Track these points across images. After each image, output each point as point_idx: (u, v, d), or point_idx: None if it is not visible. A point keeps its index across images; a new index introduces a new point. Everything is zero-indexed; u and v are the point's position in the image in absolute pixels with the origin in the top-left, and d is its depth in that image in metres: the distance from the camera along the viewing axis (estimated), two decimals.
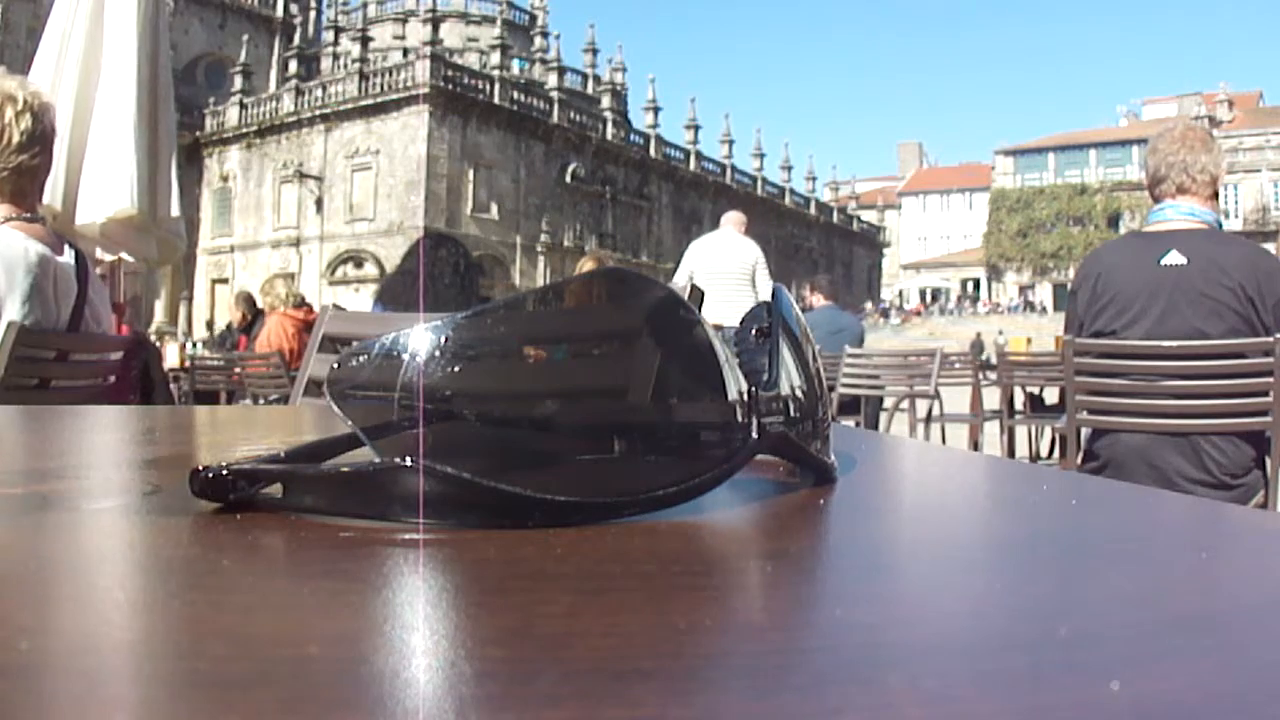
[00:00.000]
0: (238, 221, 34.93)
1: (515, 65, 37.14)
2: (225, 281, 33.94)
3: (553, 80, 37.33)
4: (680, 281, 5.45)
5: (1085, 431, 2.37)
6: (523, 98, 34.79)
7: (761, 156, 47.06)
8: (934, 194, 67.63)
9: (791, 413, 0.35)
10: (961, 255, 61.58)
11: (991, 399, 5.08)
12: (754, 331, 0.38)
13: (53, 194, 2.82)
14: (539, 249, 33.98)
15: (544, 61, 38.14)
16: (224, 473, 0.31)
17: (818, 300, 6.19)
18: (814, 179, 53.17)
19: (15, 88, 1.93)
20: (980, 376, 5.28)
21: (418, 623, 0.21)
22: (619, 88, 40.24)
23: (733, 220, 5.89)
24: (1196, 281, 2.18)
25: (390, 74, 32.54)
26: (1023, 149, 58.21)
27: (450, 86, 31.95)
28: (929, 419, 4.98)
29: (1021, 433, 5.35)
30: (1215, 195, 2.32)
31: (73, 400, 2.05)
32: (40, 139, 1.96)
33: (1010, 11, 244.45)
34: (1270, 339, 2.08)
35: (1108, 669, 0.18)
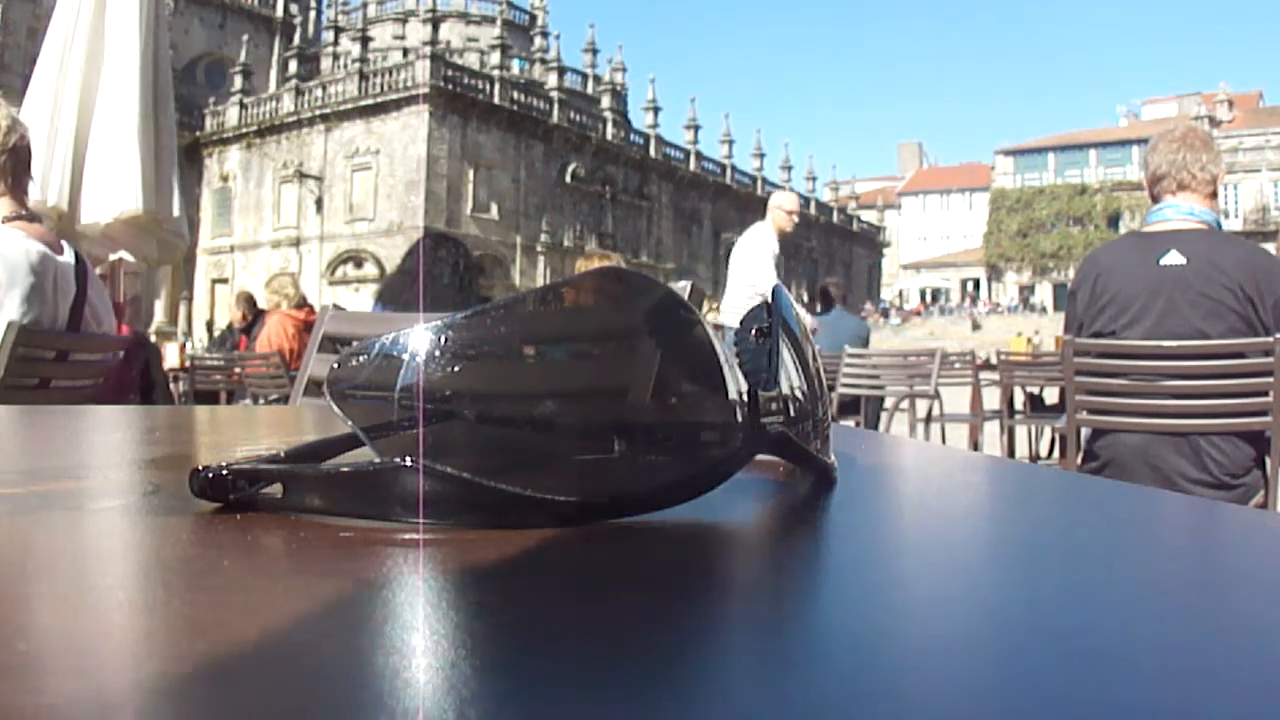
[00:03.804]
0: (238, 221, 34.90)
1: (515, 65, 37.11)
2: (225, 281, 33.91)
3: (553, 80, 37.31)
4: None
5: (1085, 431, 2.37)
6: (523, 98, 34.76)
7: (761, 156, 47.01)
8: (934, 194, 67.61)
9: (791, 413, 0.35)
10: (961, 255, 61.56)
11: (991, 399, 5.08)
12: (754, 331, 0.38)
13: (58, 194, 2.82)
14: (539, 249, 33.96)
15: (544, 61, 38.11)
16: (224, 473, 0.31)
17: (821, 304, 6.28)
18: (814, 179, 53.13)
19: None
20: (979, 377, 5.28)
21: (418, 623, 0.21)
22: (619, 88, 40.20)
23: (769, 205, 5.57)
24: (1196, 281, 2.18)
25: (390, 74, 32.51)
26: (1023, 149, 58.19)
27: (450, 86, 31.93)
28: (929, 419, 4.98)
29: (1021, 433, 5.35)
30: (1215, 195, 2.32)
31: (73, 400, 2.05)
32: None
33: (1010, 11, 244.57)
34: (1270, 339, 2.08)
35: (1108, 669, 0.18)
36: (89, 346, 2.15)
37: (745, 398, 0.33)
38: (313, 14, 39.69)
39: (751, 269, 5.25)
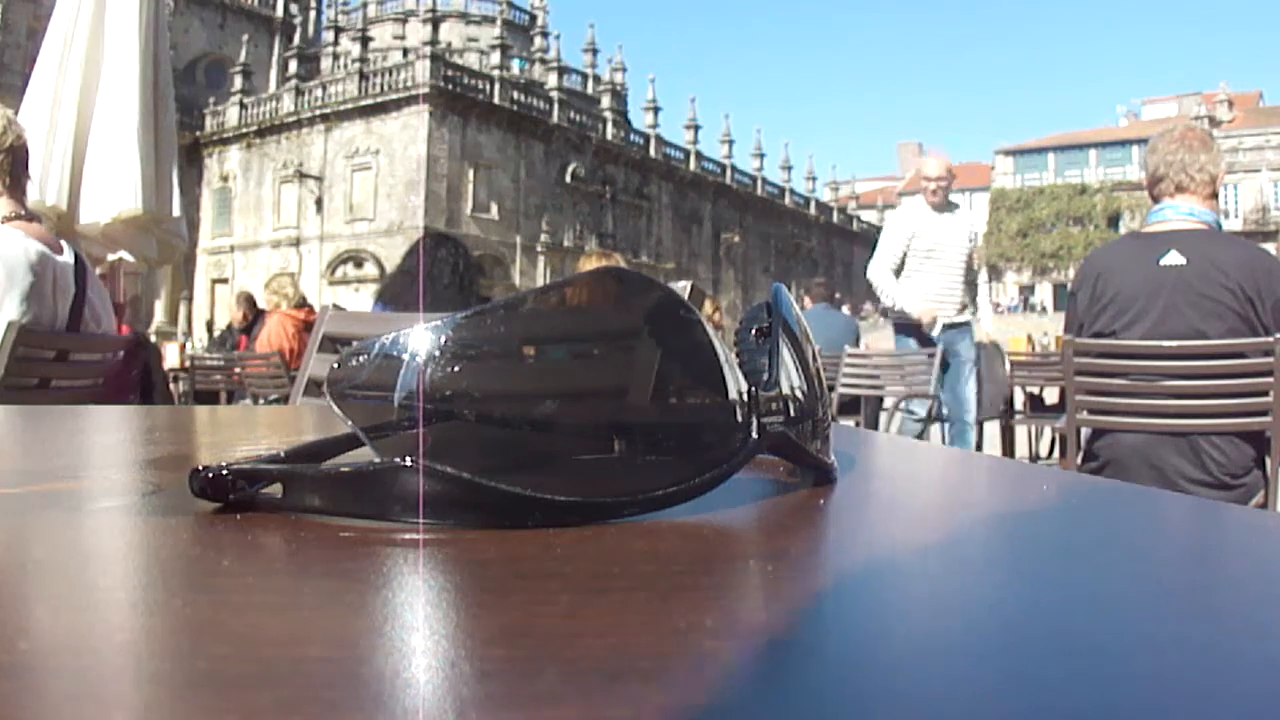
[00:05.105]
0: (238, 221, 34.89)
1: (515, 65, 37.10)
2: (225, 281, 33.89)
3: (553, 80, 37.29)
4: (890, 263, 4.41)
5: (1085, 431, 2.37)
6: (523, 98, 34.75)
7: (761, 156, 46.96)
8: None
9: (791, 413, 0.35)
10: None
11: None
12: (754, 331, 0.38)
13: (57, 194, 2.82)
14: (539, 249, 33.95)
15: (544, 61, 38.09)
16: (224, 473, 0.31)
17: (809, 303, 6.31)
18: (814, 179, 53.10)
19: None
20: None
21: (418, 623, 0.21)
22: (619, 88, 40.18)
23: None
24: (1195, 282, 2.18)
25: (390, 74, 32.50)
26: (1023, 149, 58.12)
27: (450, 86, 31.92)
28: (929, 419, 4.97)
29: (1021, 433, 5.35)
30: (1214, 195, 2.32)
31: (73, 400, 2.05)
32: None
33: (1010, 11, 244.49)
34: (1270, 339, 2.08)
35: (1107, 670, 0.18)
36: (89, 346, 2.15)
37: (745, 398, 0.33)
38: (313, 14, 39.66)
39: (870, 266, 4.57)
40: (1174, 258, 2.21)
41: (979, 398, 4.33)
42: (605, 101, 39.04)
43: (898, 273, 4.43)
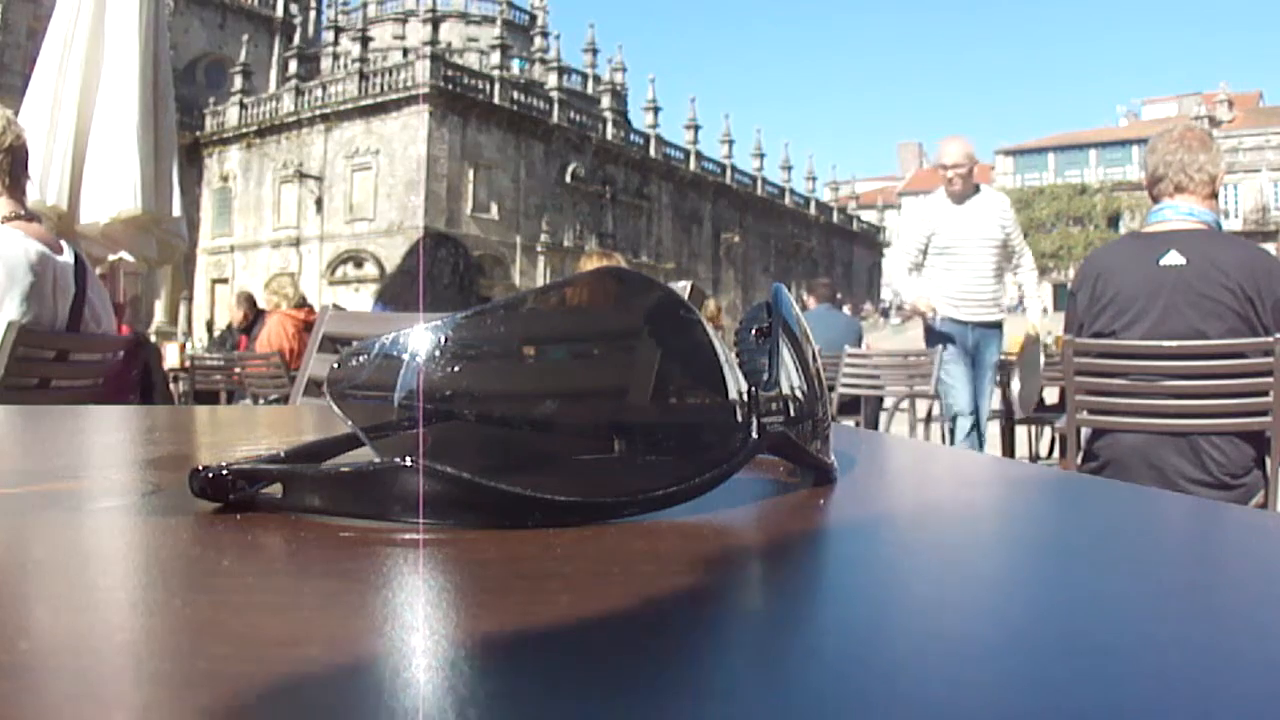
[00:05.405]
0: (238, 221, 34.88)
1: (515, 65, 37.09)
2: (225, 281, 33.87)
3: (553, 80, 37.28)
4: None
5: (1085, 431, 2.37)
6: (523, 98, 34.74)
7: (761, 156, 46.92)
8: None
9: (791, 413, 0.35)
10: None
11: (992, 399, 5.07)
12: (754, 331, 0.38)
13: (57, 194, 2.83)
14: (539, 249, 33.93)
15: (544, 61, 38.08)
16: (224, 473, 0.31)
17: (812, 303, 6.32)
18: (814, 179, 53.04)
19: None
20: None
21: (418, 623, 0.21)
22: (619, 88, 40.17)
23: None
24: (1195, 282, 2.18)
25: (390, 74, 32.49)
26: (1023, 149, 58.11)
27: (450, 86, 31.90)
28: (929, 419, 4.98)
29: (1021, 433, 5.35)
30: (1214, 195, 2.32)
31: (73, 400, 2.05)
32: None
33: (1010, 12, 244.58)
34: (1270, 339, 2.08)
35: (1107, 670, 0.18)
36: (89, 346, 2.15)
37: (745, 398, 0.33)
38: (313, 14, 39.63)
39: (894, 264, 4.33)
40: (1174, 258, 2.21)
41: (1019, 394, 4.19)
42: (605, 101, 39.03)
43: (920, 270, 4.19)
